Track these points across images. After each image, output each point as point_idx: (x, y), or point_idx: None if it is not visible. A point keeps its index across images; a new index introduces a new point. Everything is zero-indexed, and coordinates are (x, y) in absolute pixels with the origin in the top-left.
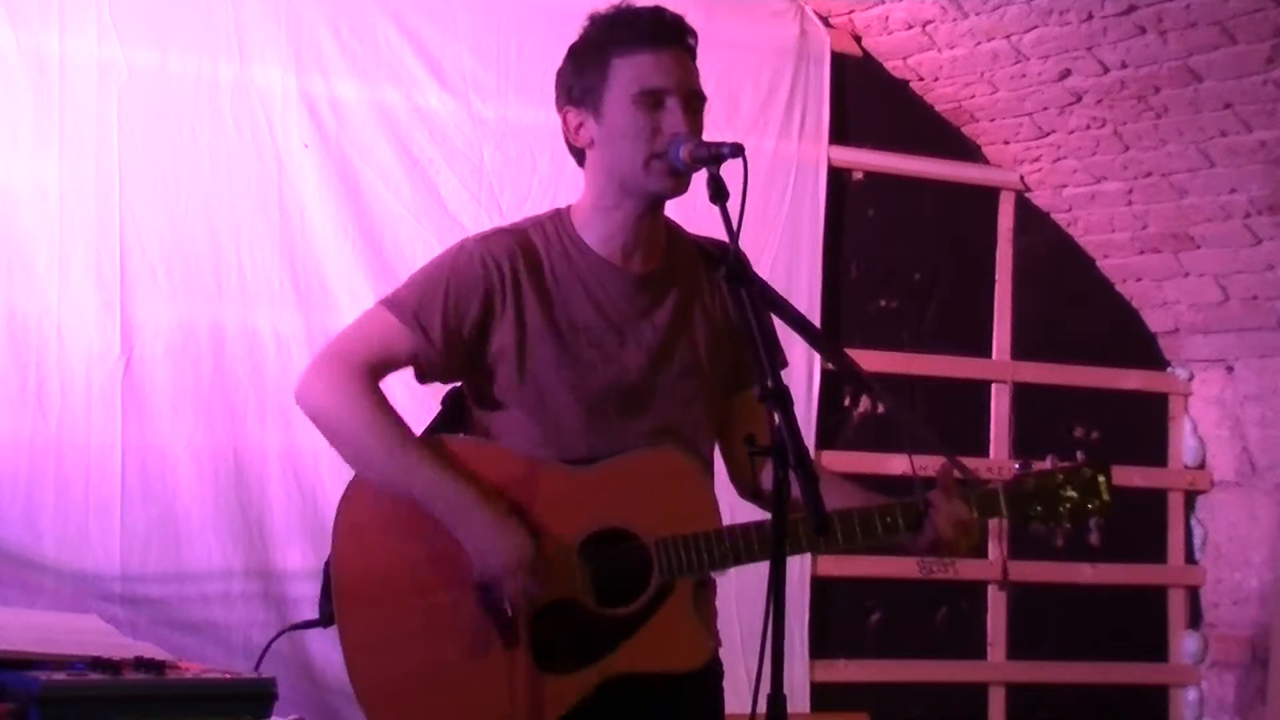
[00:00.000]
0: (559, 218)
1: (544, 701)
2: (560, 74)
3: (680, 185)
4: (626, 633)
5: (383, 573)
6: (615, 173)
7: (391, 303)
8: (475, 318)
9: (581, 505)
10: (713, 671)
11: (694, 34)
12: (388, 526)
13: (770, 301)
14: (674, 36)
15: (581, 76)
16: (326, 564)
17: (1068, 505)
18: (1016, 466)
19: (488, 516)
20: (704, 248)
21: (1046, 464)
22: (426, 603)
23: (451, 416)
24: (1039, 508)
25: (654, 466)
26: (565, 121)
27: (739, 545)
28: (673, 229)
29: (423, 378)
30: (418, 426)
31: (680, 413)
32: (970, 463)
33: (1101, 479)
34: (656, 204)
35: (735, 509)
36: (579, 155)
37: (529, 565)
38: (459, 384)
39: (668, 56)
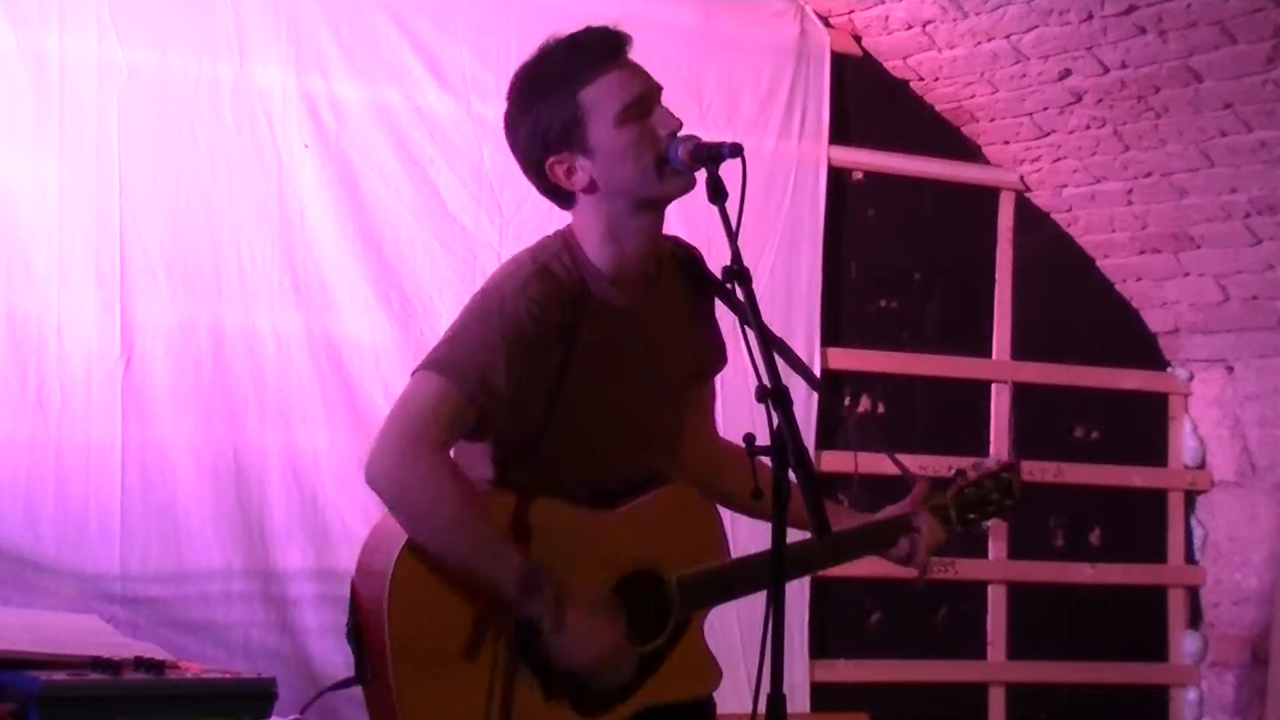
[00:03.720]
0: (569, 247)
1: None
2: (522, 133)
3: (689, 182)
4: (653, 667)
5: (439, 639)
6: (628, 194)
7: (445, 370)
8: (529, 368)
9: (611, 547)
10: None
11: (629, 37)
12: (440, 587)
13: (720, 289)
14: (622, 46)
15: (555, 121)
16: (354, 606)
17: (992, 508)
18: (952, 473)
19: (582, 609)
20: (672, 250)
21: (969, 470)
22: (477, 664)
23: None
24: (971, 515)
25: (669, 505)
26: (551, 172)
27: (748, 577)
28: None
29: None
30: None
31: (677, 430)
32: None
33: (1017, 481)
34: (663, 213)
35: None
36: (566, 200)
37: (616, 653)
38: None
39: (628, 66)
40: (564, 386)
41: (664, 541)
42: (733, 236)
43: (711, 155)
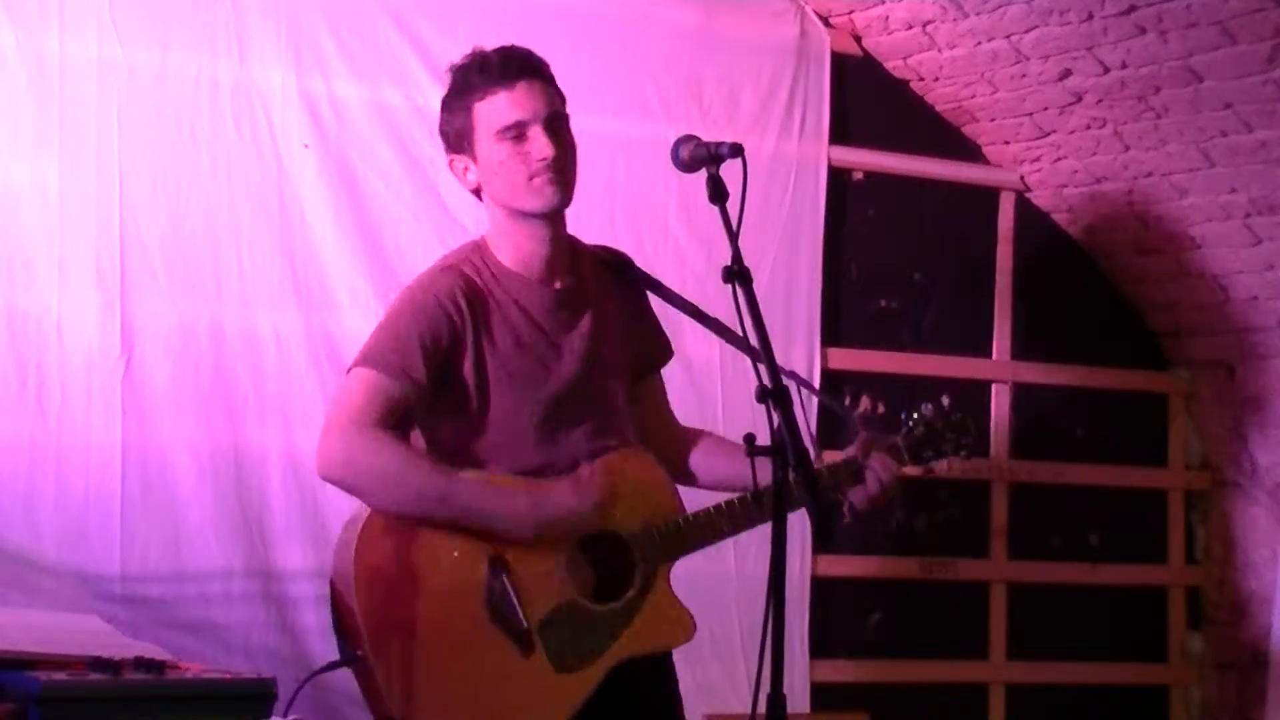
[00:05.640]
0: (479, 250)
1: (563, 698)
2: (439, 127)
3: (558, 201)
4: (625, 622)
5: (407, 612)
6: (503, 203)
7: (371, 361)
8: (444, 353)
9: None
10: None
11: (544, 63)
12: (402, 565)
13: (653, 285)
14: (523, 70)
15: (453, 125)
16: (333, 600)
17: (948, 446)
18: (905, 422)
19: (523, 492)
20: (600, 256)
21: (923, 411)
22: (450, 632)
23: None
24: (928, 453)
25: (623, 468)
26: (452, 169)
27: (706, 527)
28: (574, 243)
29: (406, 426)
30: None
31: (613, 411)
32: (970, 462)
33: (969, 420)
34: (555, 221)
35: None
36: (477, 194)
37: (573, 501)
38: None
39: (520, 90)
40: (485, 371)
41: (619, 503)
42: (733, 236)
43: (712, 156)
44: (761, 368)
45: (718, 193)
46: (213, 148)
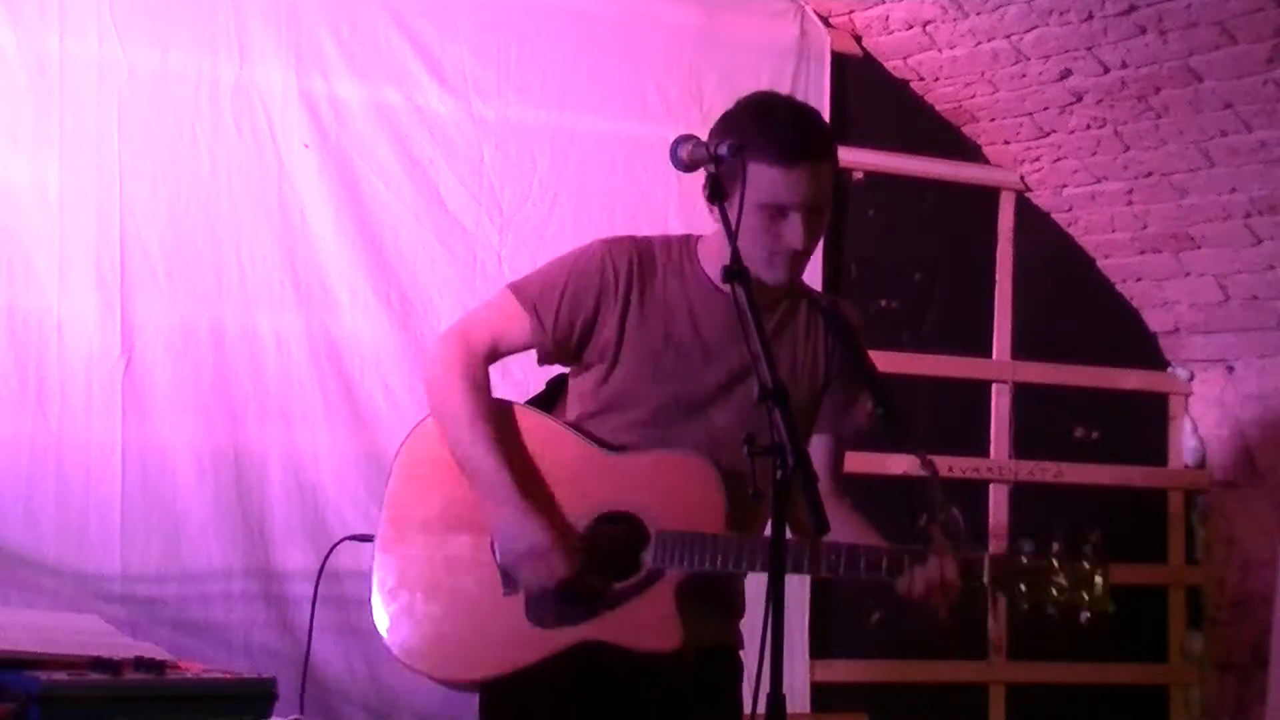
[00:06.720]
0: (687, 243)
1: (526, 647)
2: (713, 135)
3: (786, 282)
4: (610, 605)
5: (424, 509)
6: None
7: (517, 288)
8: (587, 315)
9: (601, 485)
10: (712, 669)
11: (833, 142)
12: (438, 469)
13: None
14: (810, 152)
15: (727, 156)
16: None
17: (1055, 592)
18: (1026, 549)
19: (517, 508)
20: (813, 295)
21: (1054, 550)
22: (454, 541)
23: (548, 398)
24: (1023, 588)
25: (674, 466)
26: (715, 180)
27: (731, 553)
28: (797, 283)
29: (542, 360)
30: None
31: (737, 429)
32: (970, 462)
33: (1099, 577)
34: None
35: None
36: (711, 202)
37: (545, 554)
38: (565, 371)
39: (799, 171)
40: (623, 337)
41: (656, 496)
42: (733, 236)
43: (711, 156)
44: (762, 367)
45: (716, 192)
46: (213, 148)
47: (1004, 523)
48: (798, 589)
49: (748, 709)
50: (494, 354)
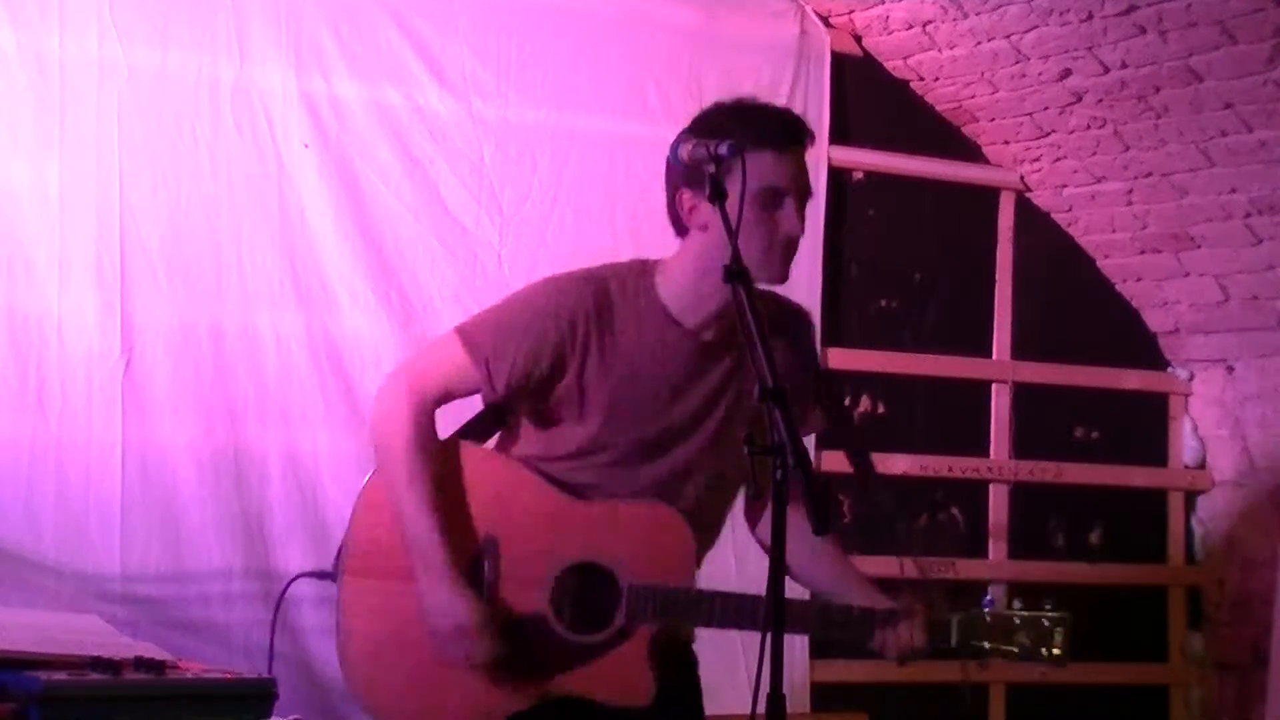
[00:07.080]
0: (643, 274)
1: (492, 702)
2: (679, 157)
3: (780, 280)
4: (582, 659)
5: (385, 548)
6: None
7: (468, 339)
8: (542, 374)
9: (568, 535)
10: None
11: (812, 134)
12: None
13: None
14: (800, 137)
15: (702, 159)
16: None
17: (1016, 649)
18: (985, 601)
19: (444, 578)
20: (771, 306)
21: (1015, 608)
22: (412, 584)
23: (488, 418)
24: (987, 645)
25: (643, 517)
26: (679, 200)
27: (704, 609)
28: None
29: (487, 404)
30: (461, 419)
31: (703, 461)
32: (970, 462)
33: (1059, 632)
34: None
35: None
36: (681, 228)
37: (466, 634)
38: None
39: (791, 154)
40: (586, 388)
41: (627, 547)
42: (733, 236)
43: (711, 156)
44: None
45: (716, 192)
46: (213, 148)
47: (1004, 523)
48: (798, 588)
49: (748, 709)
50: (442, 402)
